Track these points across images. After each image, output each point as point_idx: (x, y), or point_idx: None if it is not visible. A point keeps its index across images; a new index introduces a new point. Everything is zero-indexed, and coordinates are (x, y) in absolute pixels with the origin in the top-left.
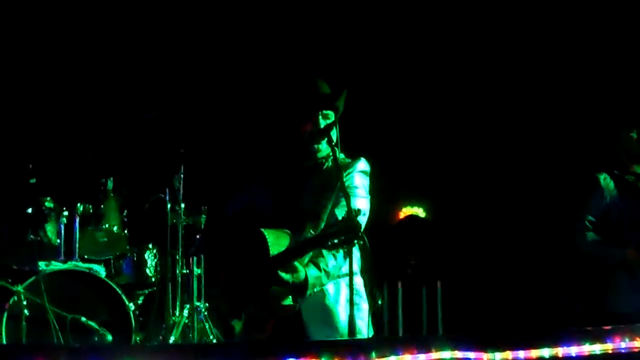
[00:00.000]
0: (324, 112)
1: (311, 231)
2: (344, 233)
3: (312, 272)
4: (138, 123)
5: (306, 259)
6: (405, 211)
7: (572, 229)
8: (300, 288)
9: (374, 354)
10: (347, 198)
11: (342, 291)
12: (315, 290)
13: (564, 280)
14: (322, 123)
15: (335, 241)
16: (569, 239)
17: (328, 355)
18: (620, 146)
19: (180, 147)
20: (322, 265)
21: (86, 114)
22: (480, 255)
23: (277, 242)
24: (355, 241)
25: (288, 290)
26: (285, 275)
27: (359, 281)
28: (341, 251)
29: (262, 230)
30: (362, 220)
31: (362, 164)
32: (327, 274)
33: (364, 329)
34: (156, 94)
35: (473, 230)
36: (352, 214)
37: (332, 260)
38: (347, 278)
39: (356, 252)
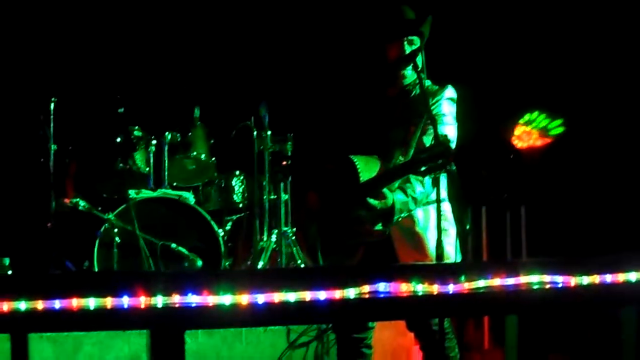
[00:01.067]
0: (409, 38)
1: (400, 158)
2: (434, 159)
3: (399, 197)
4: (225, 51)
5: (395, 185)
6: (522, 128)
7: None
8: (387, 214)
9: (463, 278)
10: (435, 125)
11: (431, 217)
12: (402, 215)
13: None
14: (408, 49)
15: (425, 168)
16: None
17: (418, 279)
18: None
19: (264, 75)
20: (409, 191)
21: (173, 43)
22: (565, 181)
23: (366, 168)
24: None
25: (376, 216)
26: (373, 202)
27: (447, 207)
28: (429, 178)
29: (352, 156)
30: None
31: (450, 91)
32: (415, 200)
33: (452, 253)
34: (241, 24)
35: (563, 154)
36: (441, 140)
37: (420, 187)
38: (436, 204)
39: (444, 179)
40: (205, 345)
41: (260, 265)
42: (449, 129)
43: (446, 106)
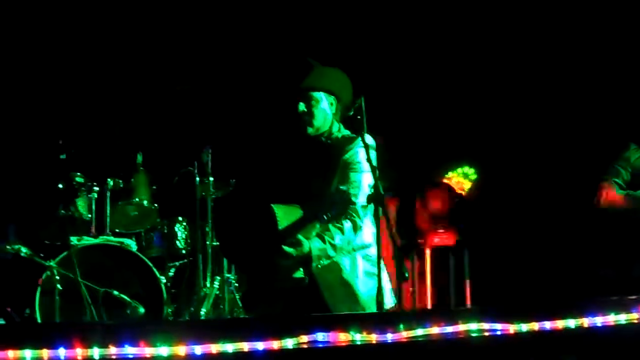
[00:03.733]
0: (309, 94)
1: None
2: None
3: (316, 245)
4: (167, 96)
5: (313, 232)
6: (452, 176)
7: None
8: (305, 261)
9: (401, 327)
10: (348, 173)
11: (359, 264)
12: (322, 263)
13: (594, 250)
14: (302, 106)
15: (327, 216)
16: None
17: (356, 328)
18: None
19: (207, 121)
20: (327, 238)
21: (115, 88)
22: (509, 225)
23: (286, 217)
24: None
25: (294, 263)
26: (289, 249)
27: (373, 252)
28: (350, 224)
29: (273, 205)
30: (361, 195)
31: (367, 138)
32: (334, 247)
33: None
34: (183, 69)
35: (502, 199)
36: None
37: (339, 234)
38: (362, 250)
39: (371, 226)
40: None
41: (203, 311)
42: (365, 177)
43: (362, 153)
